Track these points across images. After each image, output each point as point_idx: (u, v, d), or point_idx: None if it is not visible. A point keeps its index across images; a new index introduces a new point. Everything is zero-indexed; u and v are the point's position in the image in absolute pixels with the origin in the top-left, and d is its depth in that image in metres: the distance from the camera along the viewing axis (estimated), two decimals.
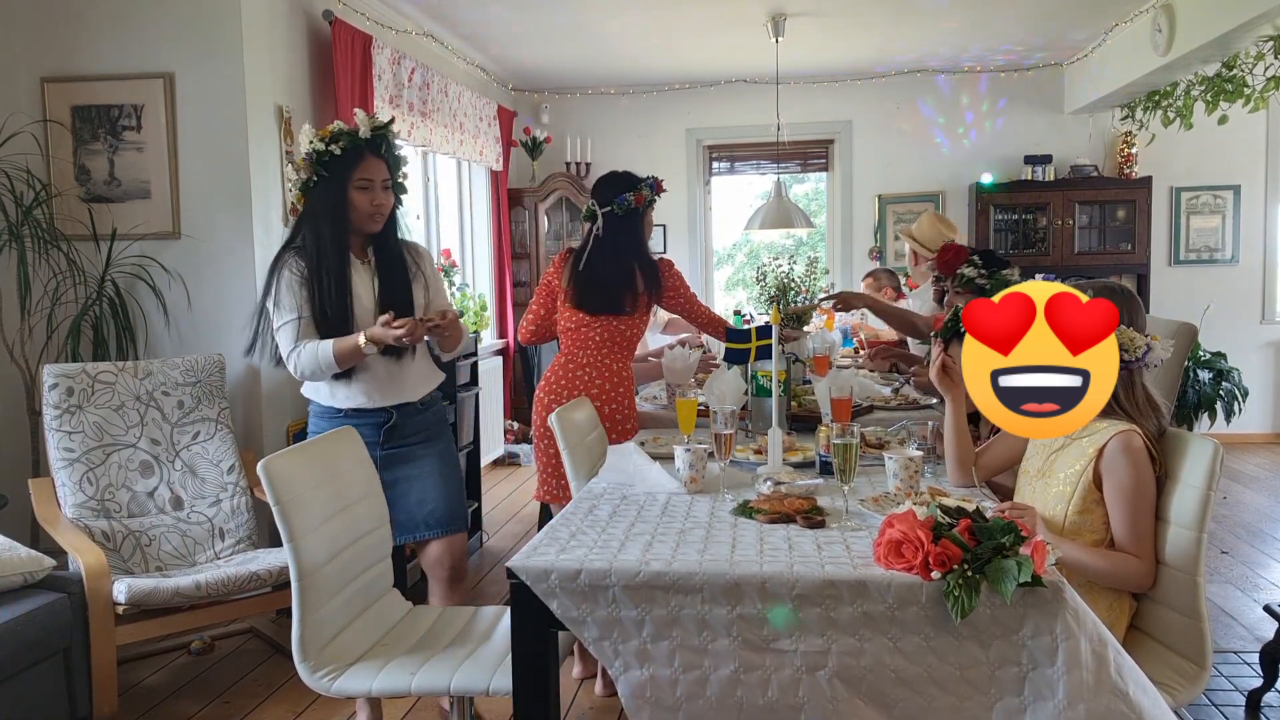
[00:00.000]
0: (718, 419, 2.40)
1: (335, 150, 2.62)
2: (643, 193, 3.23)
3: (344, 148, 2.63)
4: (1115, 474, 2.03)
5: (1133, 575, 2.03)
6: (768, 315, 3.05)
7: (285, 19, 4.12)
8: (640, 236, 3.28)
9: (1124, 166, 6.85)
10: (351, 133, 2.66)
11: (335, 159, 2.62)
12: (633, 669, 1.74)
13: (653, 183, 3.29)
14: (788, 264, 3.82)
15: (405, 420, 2.76)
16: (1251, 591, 3.98)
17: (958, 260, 3.31)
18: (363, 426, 2.64)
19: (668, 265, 3.32)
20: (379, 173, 2.67)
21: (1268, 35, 4.60)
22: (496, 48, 6.10)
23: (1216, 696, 3.04)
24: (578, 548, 1.88)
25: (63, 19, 3.82)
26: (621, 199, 3.19)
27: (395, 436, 2.74)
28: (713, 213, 7.81)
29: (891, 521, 1.75)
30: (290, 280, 2.61)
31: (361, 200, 2.64)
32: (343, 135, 2.64)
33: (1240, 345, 6.79)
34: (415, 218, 5.82)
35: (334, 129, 2.66)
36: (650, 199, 3.27)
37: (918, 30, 5.88)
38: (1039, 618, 1.61)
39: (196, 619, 3.01)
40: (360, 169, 2.63)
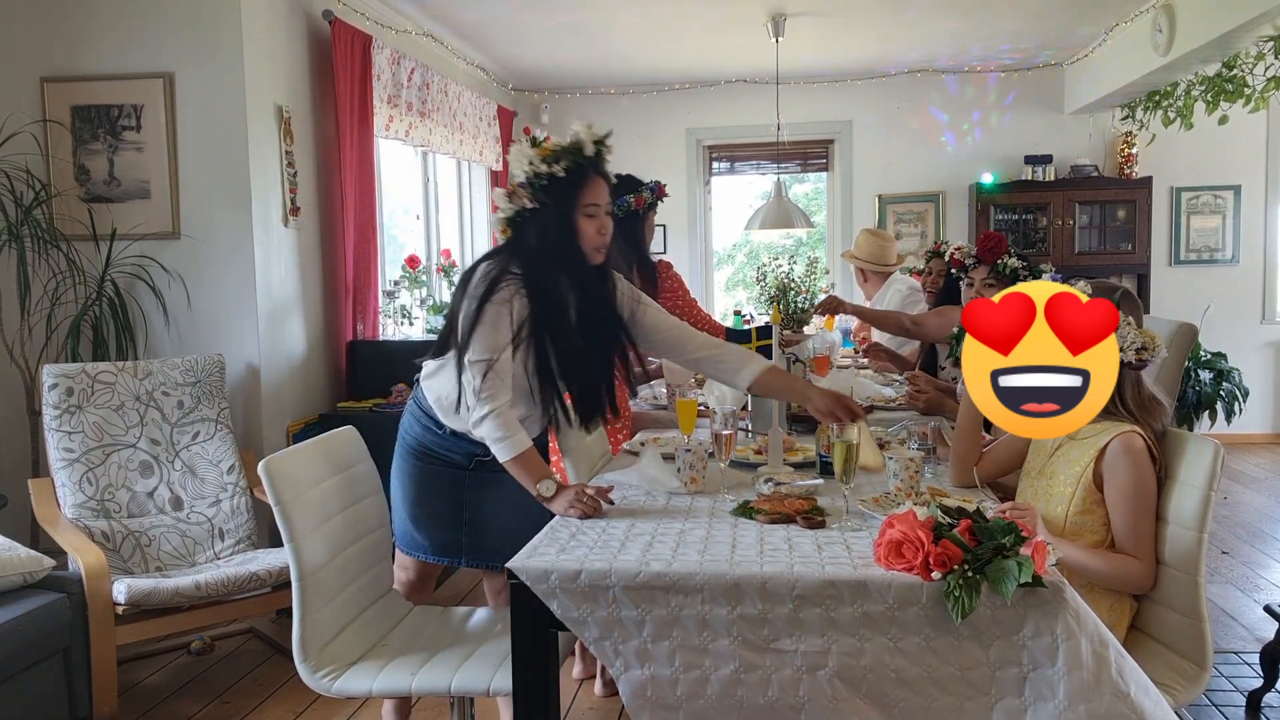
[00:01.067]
0: (717, 419, 2.40)
1: (558, 171, 2.26)
2: (643, 195, 3.22)
3: (568, 168, 2.27)
4: (1116, 475, 2.03)
5: (1133, 577, 2.03)
6: (768, 315, 3.05)
7: (285, 19, 4.11)
8: (639, 239, 3.28)
9: (1124, 166, 6.85)
10: (575, 149, 2.30)
11: (557, 181, 2.26)
12: (633, 669, 1.74)
13: (654, 186, 3.29)
14: (788, 264, 3.82)
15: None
16: (1251, 591, 3.98)
17: (1000, 249, 3.19)
18: (457, 451, 2.45)
19: (666, 267, 3.31)
20: (604, 195, 2.33)
21: (1268, 35, 4.60)
22: (496, 48, 6.10)
23: (1216, 697, 3.04)
24: (578, 548, 1.88)
25: (63, 19, 3.82)
26: (622, 201, 3.17)
27: (490, 463, 2.39)
28: (713, 213, 7.81)
29: (892, 521, 1.75)
30: (502, 314, 2.25)
31: (589, 229, 2.29)
32: (566, 153, 2.28)
33: (1240, 345, 6.79)
34: (415, 218, 5.82)
35: (555, 146, 2.30)
36: (651, 202, 3.26)
37: (918, 30, 5.88)
38: (1039, 618, 1.61)
39: (196, 619, 3.01)
40: (588, 192, 2.29)
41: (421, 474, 2.47)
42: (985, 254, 3.22)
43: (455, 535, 2.49)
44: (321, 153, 4.37)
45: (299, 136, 4.15)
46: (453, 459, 2.45)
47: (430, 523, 2.48)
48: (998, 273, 3.18)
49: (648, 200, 3.23)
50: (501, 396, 2.24)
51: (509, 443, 2.22)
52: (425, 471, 2.47)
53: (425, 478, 2.47)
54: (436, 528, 2.48)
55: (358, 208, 4.42)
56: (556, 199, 2.26)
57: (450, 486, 2.47)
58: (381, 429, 2.80)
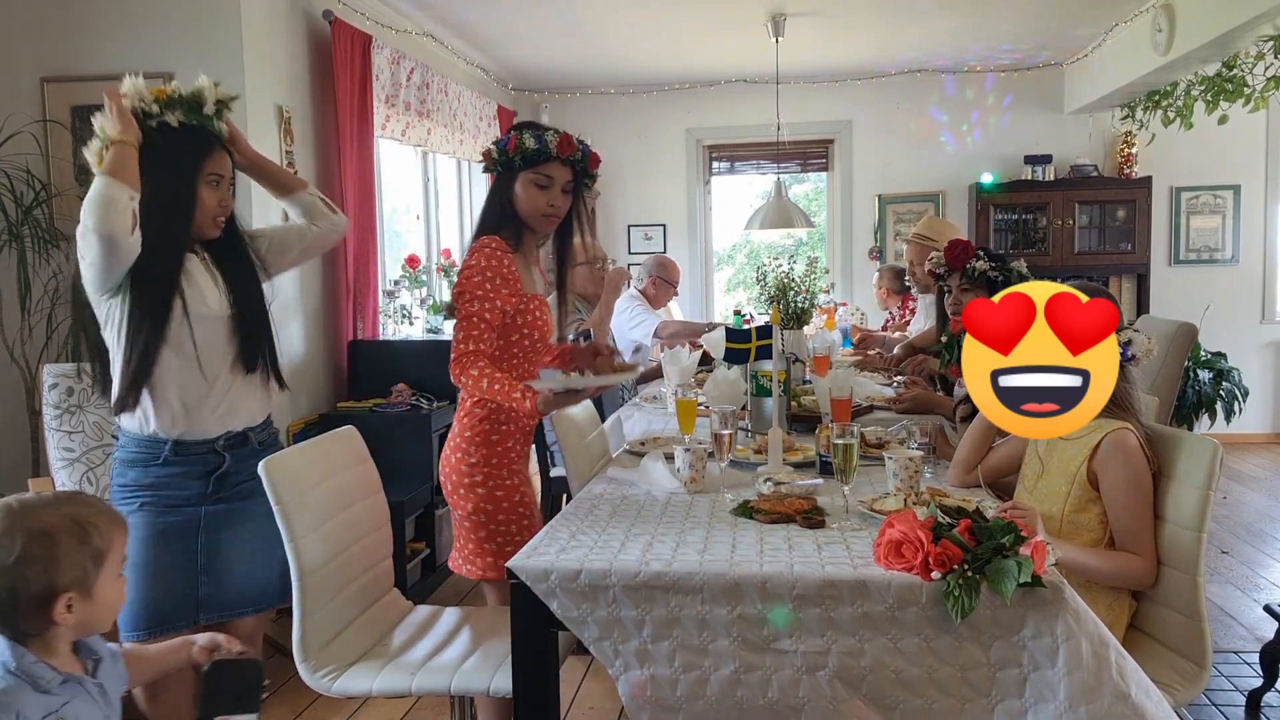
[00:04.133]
0: (716, 419, 2.40)
1: (171, 121, 2.16)
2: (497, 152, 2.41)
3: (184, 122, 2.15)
4: (1111, 471, 2.04)
5: (1136, 573, 2.03)
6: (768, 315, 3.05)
7: (285, 19, 4.11)
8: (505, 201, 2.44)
9: (1124, 166, 6.85)
10: (192, 102, 2.17)
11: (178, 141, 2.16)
12: (633, 669, 1.74)
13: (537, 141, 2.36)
14: (788, 264, 3.81)
15: (240, 464, 2.25)
16: (1251, 591, 3.98)
17: (967, 254, 3.26)
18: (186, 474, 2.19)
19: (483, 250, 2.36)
20: (226, 167, 2.24)
21: (1268, 35, 4.60)
22: (496, 48, 6.10)
23: (1216, 696, 3.04)
24: (578, 548, 1.88)
25: (63, 19, 3.82)
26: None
27: (225, 486, 2.23)
28: (713, 213, 7.81)
29: (892, 521, 1.75)
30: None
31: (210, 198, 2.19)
32: (181, 103, 2.16)
33: (1240, 345, 6.79)
34: (415, 217, 5.83)
35: (173, 91, 2.19)
36: (515, 160, 2.35)
37: (918, 30, 5.88)
38: (1039, 618, 1.61)
39: None
40: (209, 162, 2.19)
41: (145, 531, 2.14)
42: (953, 261, 3.30)
43: (190, 591, 2.19)
44: (321, 153, 4.37)
45: (299, 136, 4.15)
46: (183, 494, 2.19)
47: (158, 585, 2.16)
48: (970, 277, 3.24)
49: (506, 156, 2.34)
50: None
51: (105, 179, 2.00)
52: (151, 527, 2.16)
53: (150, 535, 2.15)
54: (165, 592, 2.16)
55: (358, 207, 4.42)
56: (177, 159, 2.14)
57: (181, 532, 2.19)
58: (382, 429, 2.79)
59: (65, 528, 1.43)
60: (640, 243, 7.42)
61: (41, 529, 1.42)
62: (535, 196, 2.33)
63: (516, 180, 2.34)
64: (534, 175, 2.33)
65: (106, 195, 1.99)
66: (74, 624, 1.45)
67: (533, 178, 2.33)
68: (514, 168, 2.33)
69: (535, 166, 2.32)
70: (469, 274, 2.27)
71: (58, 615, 1.43)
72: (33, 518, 1.42)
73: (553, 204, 2.35)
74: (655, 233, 7.48)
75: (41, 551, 1.41)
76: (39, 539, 1.41)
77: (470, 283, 2.25)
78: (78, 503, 1.50)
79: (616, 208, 7.49)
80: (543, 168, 2.32)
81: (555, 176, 2.33)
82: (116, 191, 2.00)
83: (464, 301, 2.25)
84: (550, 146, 2.30)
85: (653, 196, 7.46)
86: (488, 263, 2.27)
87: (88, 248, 2.02)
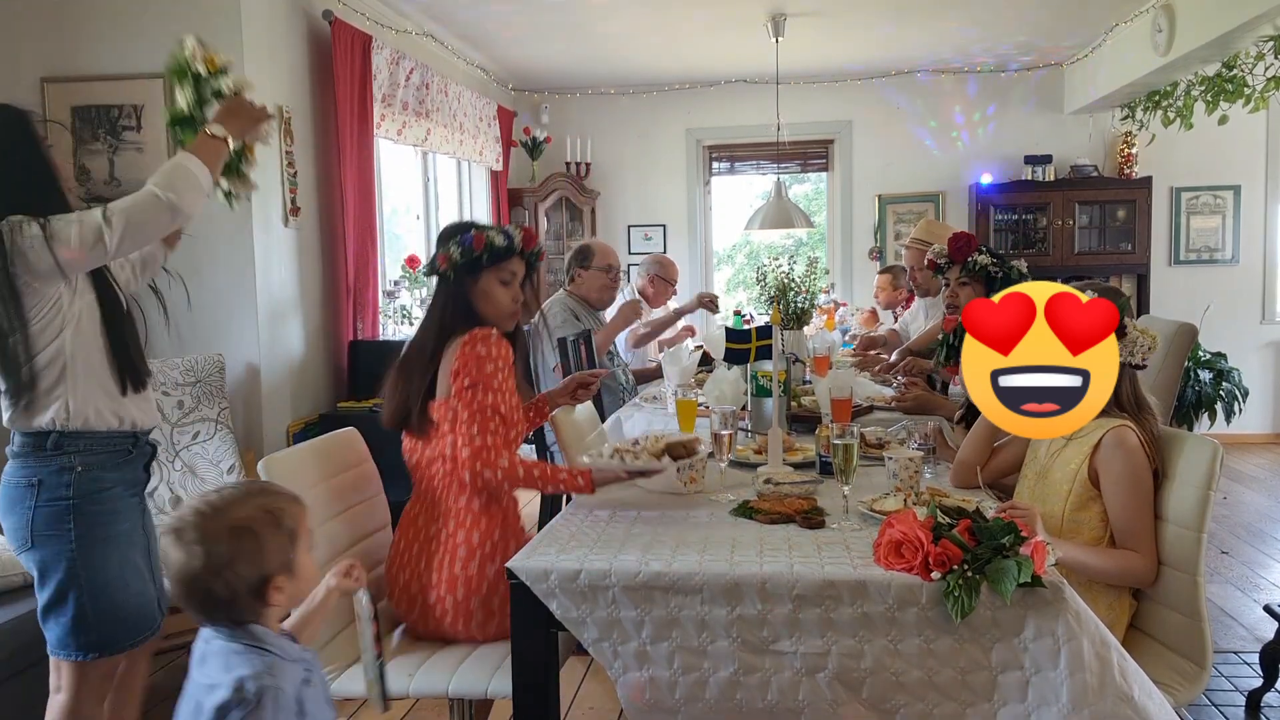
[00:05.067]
0: (716, 419, 2.40)
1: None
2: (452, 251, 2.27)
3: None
4: (1111, 468, 2.04)
5: (1137, 571, 2.03)
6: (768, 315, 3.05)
7: (285, 19, 4.12)
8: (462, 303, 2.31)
9: (1124, 166, 6.84)
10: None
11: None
12: (632, 671, 1.74)
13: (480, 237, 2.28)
14: (788, 264, 3.81)
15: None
16: (1251, 591, 3.98)
17: (970, 247, 3.25)
18: (137, 467, 2.25)
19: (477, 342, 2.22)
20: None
21: (1268, 35, 4.60)
22: (496, 48, 6.10)
23: (1216, 696, 3.04)
24: (577, 548, 1.88)
25: (63, 19, 3.82)
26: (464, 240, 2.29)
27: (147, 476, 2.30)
28: (713, 213, 7.81)
29: (891, 522, 1.75)
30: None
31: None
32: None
33: (1240, 345, 6.79)
34: (415, 218, 5.82)
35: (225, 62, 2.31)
36: (478, 257, 2.25)
37: (918, 30, 5.88)
38: (1040, 619, 1.60)
39: None
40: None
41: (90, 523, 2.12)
42: (955, 253, 3.29)
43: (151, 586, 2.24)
44: (321, 153, 4.37)
45: (299, 136, 4.15)
46: (138, 486, 2.24)
47: (143, 577, 2.21)
48: (970, 271, 3.22)
49: (461, 255, 2.23)
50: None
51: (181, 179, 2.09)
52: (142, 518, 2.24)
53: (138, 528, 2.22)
54: (147, 581, 2.23)
55: (358, 208, 4.42)
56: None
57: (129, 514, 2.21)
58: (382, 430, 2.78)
59: (260, 518, 1.48)
60: (640, 243, 7.42)
61: (242, 525, 1.46)
62: (502, 294, 2.26)
63: (478, 281, 2.25)
64: (497, 272, 2.25)
65: (190, 170, 2.12)
66: (284, 602, 1.52)
67: (496, 275, 2.25)
68: (479, 268, 2.24)
69: (499, 264, 2.25)
70: (479, 363, 2.14)
71: (272, 599, 1.49)
72: (229, 517, 1.47)
73: (517, 299, 2.30)
74: (655, 233, 7.48)
75: (249, 546, 1.46)
76: (243, 535, 1.46)
77: (483, 373, 2.14)
78: (258, 491, 1.54)
79: (616, 208, 7.49)
80: (506, 264, 2.26)
81: (517, 271, 2.29)
82: (200, 171, 2.14)
83: (478, 392, 2.12)
84: (516, 241, 2.26)
85: (653, 196, 7.46)
86: (499, 353, 2.18)
87: (134, 209, 2.03)
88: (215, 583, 1.44)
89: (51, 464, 2.07)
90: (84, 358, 2.10)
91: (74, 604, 2.10)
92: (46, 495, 2.07)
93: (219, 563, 1.44)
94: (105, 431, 2.13)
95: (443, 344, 2.21)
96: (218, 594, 1.44)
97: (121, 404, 2.16)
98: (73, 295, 2.09)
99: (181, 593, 1.46)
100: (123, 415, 2.16)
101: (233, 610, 1.47)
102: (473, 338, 2.17)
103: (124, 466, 2.18)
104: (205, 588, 1.44)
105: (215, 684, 1.42)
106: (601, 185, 7.43)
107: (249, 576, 1.46)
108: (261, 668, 1.43)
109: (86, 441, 2.10)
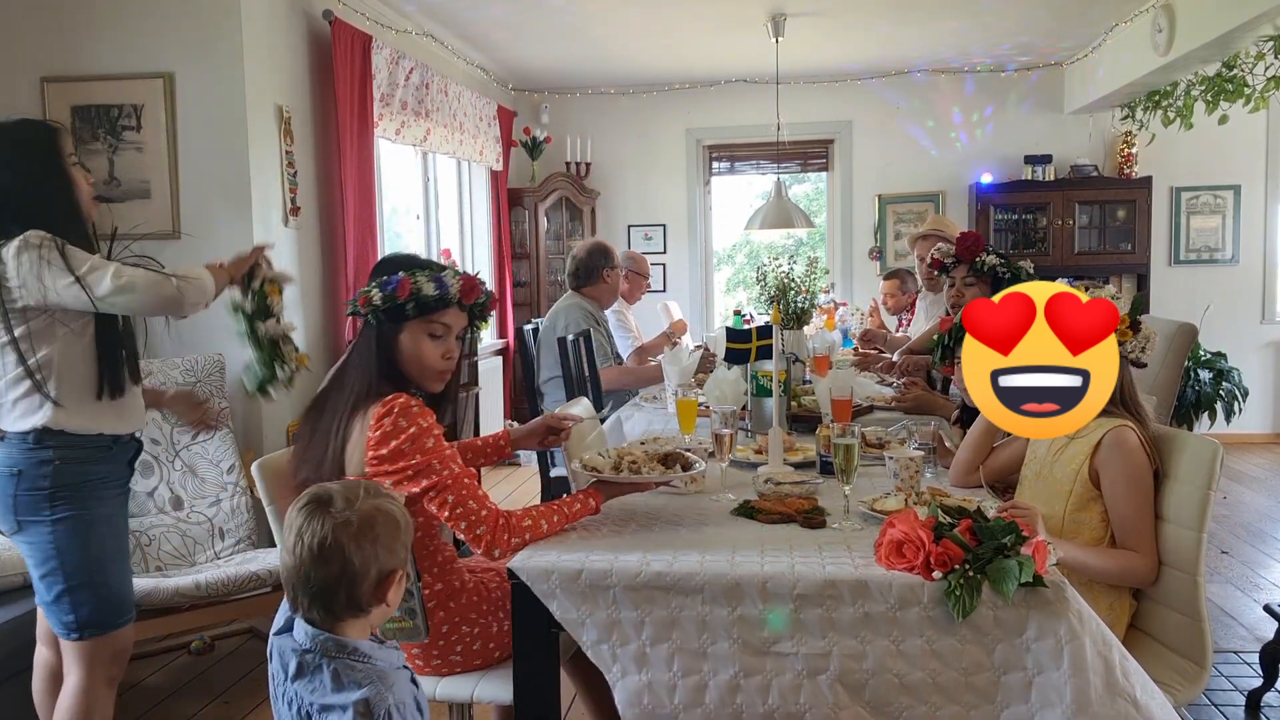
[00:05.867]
0: (717, 419, 2.40)
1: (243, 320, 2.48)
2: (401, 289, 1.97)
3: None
4: (1111, 468, 2.04)
5: (1138, 571, 2.03)
6: (768, 315, 3.05)
7: (285, 19, 4.11)
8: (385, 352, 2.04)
9: (1124, 166, 6.85)
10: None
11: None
12: (630, 674, 1.73)
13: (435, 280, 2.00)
14: (788, 264, 3.81)
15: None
16: (1251, 591, 3.98)
17: (978, 247, 3.24)
18: (124, 460, 2.35)
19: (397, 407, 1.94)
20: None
21: (1268, 35, 4.60)
22: (496, 48, 6.10)
23: (1216, 696, 3.04)
24: (579, 548, 1.88)
25: (63, 19, 3.82)
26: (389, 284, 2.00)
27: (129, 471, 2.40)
28: (713, 213, 7.81)
29: (893, 521, 1.75)
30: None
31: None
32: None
33: (1240, 345, 6.79)
34: (415, 217, 5.82)
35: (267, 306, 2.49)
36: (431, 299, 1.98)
37: (918, 30, 5.88)
38: (1042, 619, 1.60)
39: (196, 619, 3.01)
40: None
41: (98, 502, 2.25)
42: (963, 252, 3.28)
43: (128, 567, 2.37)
44: (321, 153, 4.37)
45: (299, 136, 4.15)
46: (119, 478, 2.33)
47: (124, 561, 2.34)
48: (976, 270, 3.22)
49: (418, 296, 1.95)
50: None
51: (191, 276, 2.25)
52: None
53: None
54: (128, 565, 2.36)
55: (358, 208, 4.42)
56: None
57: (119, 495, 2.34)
58: None
59: (401, 514, 1.52)
60: (640, 243, 7.42)
61: (388, 512, 1.49)
62: (429, 350, 1.96)
63: (402, 331, 1.95)
64: (426, 325, 1.96)
65: (204, 283, 2.29)
66: (394, 601, 1.52)
67: (425, 327, 1.96)
68: (403, 317, 1.94)
69: (429, 315, 1.95)
70: (417, 439, 1.84)
71: (389, 595, 1.49)
72: (380, 500, 1.50)
73: (449, 356, 2.00)
74: (655, 233, 7.48)
75: (389, 532, 1.48)
76: (389, 521, 1.48)
77: (427, 448, 1.86)
78: (378, 492, 1.54)
79: (616, 208, 7.49)
80: (438, 315, 1.96)
81: (452, 324, 1.99)
82: (209, 285, 2.30)
83: (436, 469, 1.85)
84: (452, 291, 1.95)
85: (653, 196, 7.46)
86: (428, 423, 1.89)
87: (146, 289, 2.16)
88: (357, 555, 1.43)
89: (31, 457, 2.16)
90: (70, 365, 2.18)
91: (60, 584, 2.21)
92: (26, 485, 2.16)
93: (367, 535, 1.43)
94: (83, 434, 2.21)
95: (353, 413, 1.92)
96: (352, 568, 1.43)
97: (99, 409, 2.22)
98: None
99: (313, 562, 1.42)
100: (101, 422, 2.22)
101: (354, 593, 1.44)
102: (390, 412, 1.86)
103: (104, 462, 2.25)
104: (344, 557, 1.42)
105: (329, 704, 1.41)
106: (601, 185, 7.43)
107: (383, 562, 1.46)
108: (378, 685, 1.42)
109: (66, 439, 2.18)
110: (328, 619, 1.46)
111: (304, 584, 1.44)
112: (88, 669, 2.24)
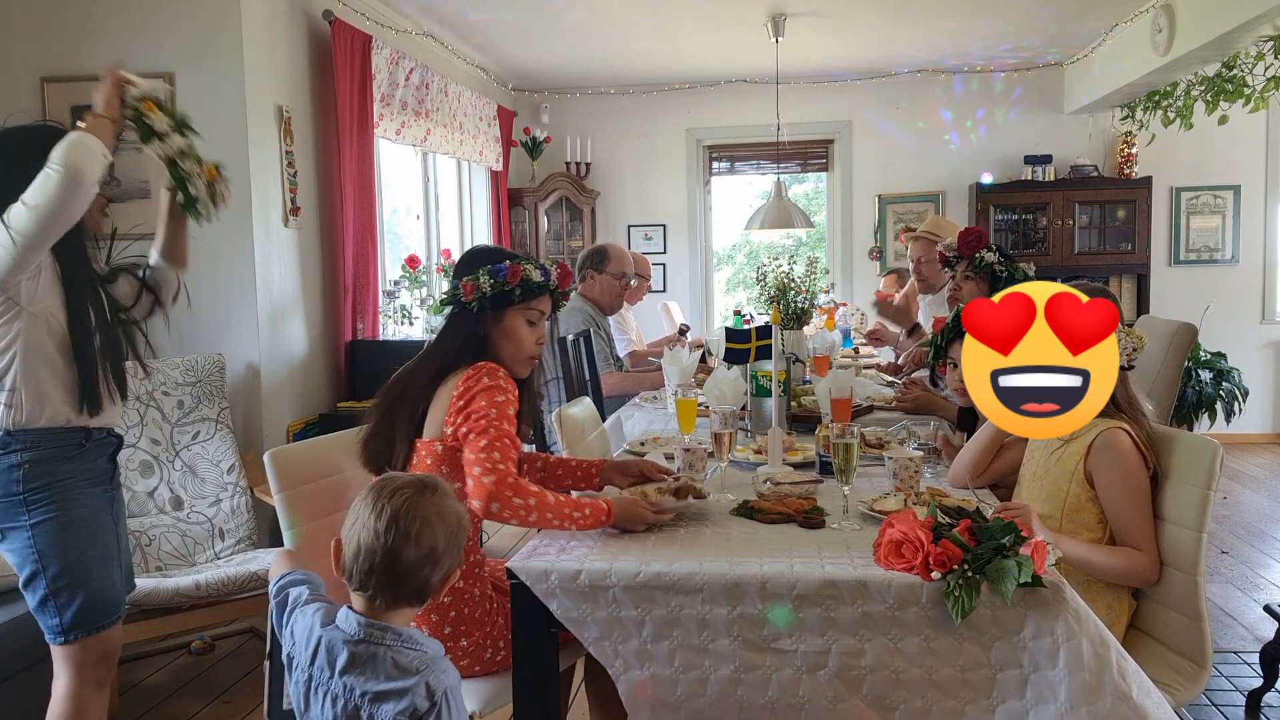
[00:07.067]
0: (716, 419, 2.40)
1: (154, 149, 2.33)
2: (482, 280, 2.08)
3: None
4: (1104, 470, 2.04)
5: (1142, 568, 2.03)
6: (768, 315, 3.05)
7: (285, 19, 4.12)
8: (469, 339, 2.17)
9: (1124, 166, 6.85)
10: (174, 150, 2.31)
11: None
12: (633, 669, 1.74)
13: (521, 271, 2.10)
14: (788, 264, 3.81)
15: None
16: (1251, 591, 3.98)
17: (980, 243, 3.29)
18: (102, 456, 2.27)
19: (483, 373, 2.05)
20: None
21: (1268, 35, 4.60)
22: (496, 48, 6.10)
23: (1216, 696, 3.04)
24: (578, 548, 1.88)
25: (63, 19, 3.82)
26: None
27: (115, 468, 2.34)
28: (713, 213, 7.81)
29: (892, 521, 1.75)
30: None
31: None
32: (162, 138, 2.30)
33: (1240, 345, 6.79)
34: (415, 217, 5.83)
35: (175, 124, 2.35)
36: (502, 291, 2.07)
37: (918, 30, 5.88)
38: (1040, 618, 1.61)
39: (196, 619, 3.01)
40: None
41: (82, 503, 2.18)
42: (963, 248, 3.34)
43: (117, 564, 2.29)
44: (321, 153, 4.37)
45: (299, 136, 4.15)
46: (100, 473, 2.25)
47: (109, 560, 2.25)
48: (975, 266, 3.28)
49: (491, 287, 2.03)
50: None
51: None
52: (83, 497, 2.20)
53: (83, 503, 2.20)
54: (113, 564, 2.26)
55: (358, 208, 4.42)
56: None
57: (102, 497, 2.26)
58: None
59: (466, 516, 1.59)
60: (640, 243, 7.42)
61: (465, 516, 1.57)
62: (526, 334, 2.07)
63: (504, 317, 2.05)
64: (525, 310, 2.06)
65: (81, 140, 2.04)
66: (447, 595, 1.61)
67: (524, 313, 2.06)
68: (508, 302, 2.03)
69: (530, 300, 2.06)
70: (492, 392, 1.94)
71: (445, 592, 1.58)
72: (459, 505, 1.56)
73: (540, 341, 2.10)
74: (655, 233, 7.49)
75: (462, 532, 1.55)
76: (462, 520, 1.55)
77: (498, 402, 1.94)
78: (442, 490, 1.57)
79: (616, 208, 7.49)
80: (537, 301, 2.07)
81: (545, 311, 2.10)
82: (91, 140, 2.05)
83: (494, 419, 1.91)
84: (553, 279, 2.08)
85: (653, 196, 7.46)
86: (509, 388, 1.98)
87: (41, 193, 1.97)
88: (444, 545, 1.49)
89: (0, 462, 2.10)
90: (34, 358, 2.10)
91: (42, 589, 2.16)
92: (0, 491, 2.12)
93: (456, 529, 1.51)
94: (53, 428, 2.14)
95: (439, 380, 2.00)
96: (437, 555, 1.47)
97: (66, 401, 2.16)
98: (33, 295, 2.09)
99: (404, 542, 1.45)
100: (71, 417, 2.16)
101: (429, 581, 1.49)
102: (478, 370, 1.96)
103: (76, 459, 2.18)
104: (435, 543, 1.47)
105: (385, 691, 1.42)
106: (601, 185, 7.43)
107: (454, 559, 1.53)
108: (434, 669, 1.46)
109: (34, 437, 2.11)
110: (387, 605, 1.49)
111: (389, 562, 1.46)
112: (76, 672, 2.20)
